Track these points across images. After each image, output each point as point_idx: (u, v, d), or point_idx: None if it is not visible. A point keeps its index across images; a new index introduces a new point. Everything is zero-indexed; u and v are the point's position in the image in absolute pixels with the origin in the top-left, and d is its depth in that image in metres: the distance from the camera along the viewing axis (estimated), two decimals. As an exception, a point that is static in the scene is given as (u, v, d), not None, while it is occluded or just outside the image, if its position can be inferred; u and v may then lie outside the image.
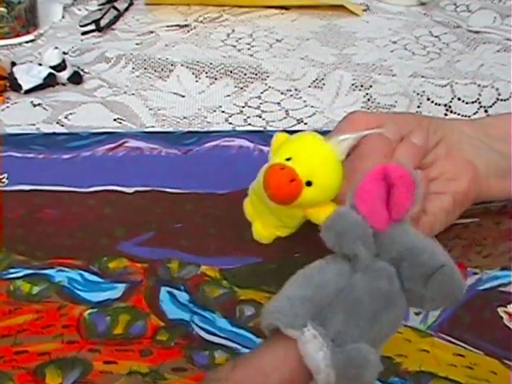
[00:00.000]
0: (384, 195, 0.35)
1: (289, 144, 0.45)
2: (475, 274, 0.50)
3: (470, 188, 0.50)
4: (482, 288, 0.49)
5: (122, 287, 0.48)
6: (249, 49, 0.84)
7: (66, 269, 0.50)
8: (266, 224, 0.48)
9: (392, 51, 0.84)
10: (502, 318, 0.47)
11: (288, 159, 0.43)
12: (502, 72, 0.78)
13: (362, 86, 0.74)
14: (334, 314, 0.33)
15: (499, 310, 0.47)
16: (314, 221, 0.44)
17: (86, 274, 0.49)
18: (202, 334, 0.45)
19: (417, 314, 0.47)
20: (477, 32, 0.89)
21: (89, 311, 0.46)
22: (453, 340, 0.45)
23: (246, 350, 0.44)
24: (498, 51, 0.84)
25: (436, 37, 0.89)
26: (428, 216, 0.48)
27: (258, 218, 0.49)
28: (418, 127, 0.50)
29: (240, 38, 0.87)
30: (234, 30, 0.89)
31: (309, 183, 0.43)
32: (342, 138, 0.45)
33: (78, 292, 0.48)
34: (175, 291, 0.48)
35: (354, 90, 0.74)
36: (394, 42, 0.87)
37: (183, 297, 0.47)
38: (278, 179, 0.42)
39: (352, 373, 0.32)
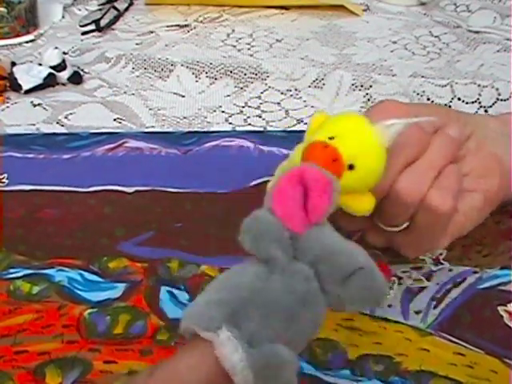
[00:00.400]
0: (301, 198, 0.36)
1: (332, 123, 0.41)
2: (475, 272, 0.50)
3: (501, 185, 0.48)
4: (482, 287, 0.49)
5: (121, 287, 0.48)
6: (249, 49, 0.84)
7: (66, 269, 0.50)
8: None
9: (392, 51, 0.84)
10: (502, 316, 0.47)
11: (331, 138, 0.39)
12: (502, 72, 0.78)
13: (362, 86, 0.74)
14: (250, 316, 0.34)
15: (499, 308, 0.47)
16: (349, 210, 0.41)
17: (86, 274, 0.49)
18: (202, 333, 0.45)
19: (417, 312, 0.47)
20: (477, 32, 0.89)
21: (89, 311, 0.46)
22: (453, 339, 0.45)
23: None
24: (498, 51, 0.84)
25: (436, 37, 0.88)
26: (460, 215, 0.46)
27: None
28: (449, 119, 0.48)
29: (240, 38, 0.87)
30: (234, 30, 0.89)
31: (351, 166, 0.39)
32: (389, 123, 0.41)
33: (78, 292, 0.48)
34: (175, 291, 0.48)
35: (354, 90, 0.74)
36: (394, 42, 0.87)
37: (183, 296, 0.47)
38: (320, 157, 0.38)
39: (269, 373, 0.33)
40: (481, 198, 0.47)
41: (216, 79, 0.76)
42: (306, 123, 0.69)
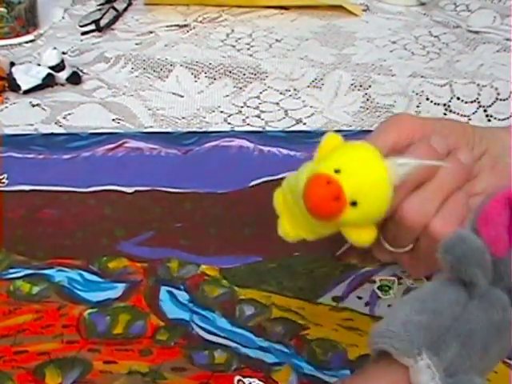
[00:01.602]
0: (507, 221, 0.34)
1: (341, 152, 0.40)
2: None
3: None
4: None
5: (121, 287, 0.48)
6: (248, 49, 0.84)
7: (66, 269, 0.50)
8: (294, 224, 0.43)
9: (391, 51, 0.84)
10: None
11: (337, 171, 0.38)
12: (502, 72, 0.78)
13: (361, 86, 0.74)
14: (449, 344, 0.33)
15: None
16: (350, 241, 0.40)
17: (86, 274, 0.49)
18: (202, 333, 0.45)
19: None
20: (476, 32, 0.89)
21: (89, 311, 0.46)
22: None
23: (246, 350, 0.44)
24: (497, 51, 0.84)
25: (436, 37, 0.88)
26: None
27: (287, 215, 0.43)
28: (463, 138, 0.47)
29: (239, 38, 0.87)
30: (233, 30, 0.89)
31: (354, 203, 0.38)
32: (400, 162, 0.40)
33: (78, 292, 0.48)
34: (175, 291, 0.48)
35: (353, 89, 0.74)
36: (394, 42, 0.87)
37: (183, 296, 0.47)
38: (321, 194, 0.37)
39: None
40: None
41: (215, 79, 0.76)
42: (305, 123, 0.69)
